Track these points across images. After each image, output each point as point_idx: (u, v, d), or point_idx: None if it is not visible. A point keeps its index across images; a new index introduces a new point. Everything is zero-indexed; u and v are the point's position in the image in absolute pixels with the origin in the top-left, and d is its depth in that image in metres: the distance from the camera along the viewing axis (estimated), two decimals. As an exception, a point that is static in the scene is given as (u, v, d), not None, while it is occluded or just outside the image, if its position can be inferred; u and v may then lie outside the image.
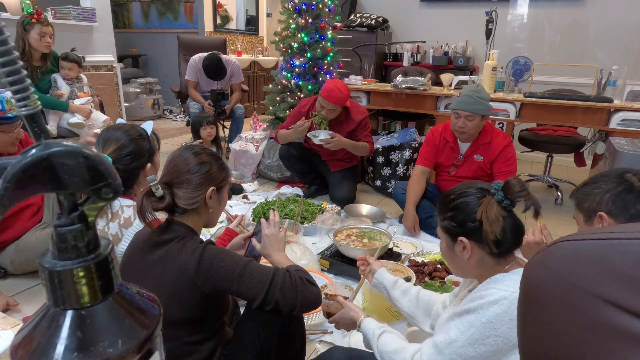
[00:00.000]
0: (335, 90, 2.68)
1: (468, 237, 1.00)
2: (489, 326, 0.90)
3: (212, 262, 1.06)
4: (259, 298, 1.06)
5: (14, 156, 0.29)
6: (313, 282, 1.14)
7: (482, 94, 2.30)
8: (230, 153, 3.62)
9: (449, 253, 1.07)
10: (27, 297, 1.87)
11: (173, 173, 1.12)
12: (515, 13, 4.31)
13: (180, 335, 1.10)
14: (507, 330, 0.88)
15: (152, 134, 1.62)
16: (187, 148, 1.17)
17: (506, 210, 0.98)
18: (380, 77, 4.75)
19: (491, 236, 0.96)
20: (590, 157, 3.34)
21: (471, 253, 1.01)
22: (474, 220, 0.98)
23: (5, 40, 0.29)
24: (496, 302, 0.91)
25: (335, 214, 2.66)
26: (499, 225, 0.96)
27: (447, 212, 1.04)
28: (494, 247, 0.98)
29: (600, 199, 1.13)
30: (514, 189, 0.95)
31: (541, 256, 0.38)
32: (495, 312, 0.90)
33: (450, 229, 1.03)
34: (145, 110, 5.95)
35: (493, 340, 0.90)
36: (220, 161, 1.19)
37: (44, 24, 2.87)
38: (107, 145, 1.50)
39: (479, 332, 0.90)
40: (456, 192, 1.04)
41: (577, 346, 0.33)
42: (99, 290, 0.32)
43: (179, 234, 1.10)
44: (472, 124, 2.31)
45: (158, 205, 1.08)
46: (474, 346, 0.91)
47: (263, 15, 6.94)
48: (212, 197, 1.15)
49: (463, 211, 1.01)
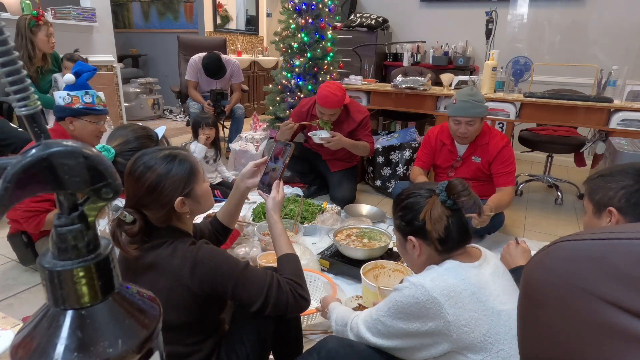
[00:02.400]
0: (330, 96, 2.67)
1: (415, 236, 1.07)
2: (395, 305, 1.01)
3: (206, 268, 1.04)
4: (253, 308, 1.06)
5: (13, 156, 0.29)
6: (304, 294, 1.12)
7: (478, 97, 2.30)
8: (230, 153, 3.62)
9: (402, 250, 1.15)
10: (27, 297, 1.87)
11: (132, 198, 1.05)
12: (515, 13, 4.31)
13: (181, 338, 1.10)
14: (415, 311, 0.98)
15: (163, 138, 1.65)
16: (137, 161, 1.06)
17: (451, 210, 1.03)
18: (380, 77, 4.75)
19: (435, 234, 1.03)
20: (590, 157, 3.34)
21: (420, 250, 1.08)
22: (420, 219, 1.04)
23: (5, 40, 0.29)
24: (400, 289, 1.01)
25: (335, 214, 2.66)
26: (442, 224, 1.02)
27: (398, 211, 1.11)
28: (439, 244, 1.04)
29: (614, 194, 1.11)
30: (456, 189, 1.01)
31: (541, 256, 0.38)
32: (396, 298, 1.01)
33: (401, 227, 1.11)
34: (145, 110, 5.95)
35: (404, 316, 1.00)
36: (178, 160, 1.07)
37: (49, 25, 2.92)
38: (113, 140, 1.54)
39: (395, 307, 1.01)
40: (406, 193, 1.11)
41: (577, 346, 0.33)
42: (99, 290, 0.32)
43: (167, 238, 1.07)
44: (473, 128, 2.32)
45: (132, 230, 1.03)
46: (393, 318, 1.02)
47: (263, 15, 6.94)
48: (184, 204, 1.08)
49: (411, 211, 1.07)
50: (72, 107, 1.83)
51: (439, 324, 0.96)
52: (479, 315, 0.96)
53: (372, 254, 2.00)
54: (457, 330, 0.95)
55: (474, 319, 0.96)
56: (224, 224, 1.42)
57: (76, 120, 1.87)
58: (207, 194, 1.16)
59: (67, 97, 1.83)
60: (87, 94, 1.84)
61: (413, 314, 0.98)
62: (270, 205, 1.27)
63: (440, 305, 0.95)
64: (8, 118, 2.80)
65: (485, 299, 0.97)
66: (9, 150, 2.50)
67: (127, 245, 1.02)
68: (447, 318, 0.95)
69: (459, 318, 0.95)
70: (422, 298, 0.96)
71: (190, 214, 1.14)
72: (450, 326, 0.95)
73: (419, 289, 0.97)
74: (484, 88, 3.12)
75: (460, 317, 0.95)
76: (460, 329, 0.95)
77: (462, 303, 0.96)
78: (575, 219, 2.99)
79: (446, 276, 0.99)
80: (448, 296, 0.96)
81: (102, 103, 1.93)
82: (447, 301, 0.95)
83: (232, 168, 3.56)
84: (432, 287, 0.96)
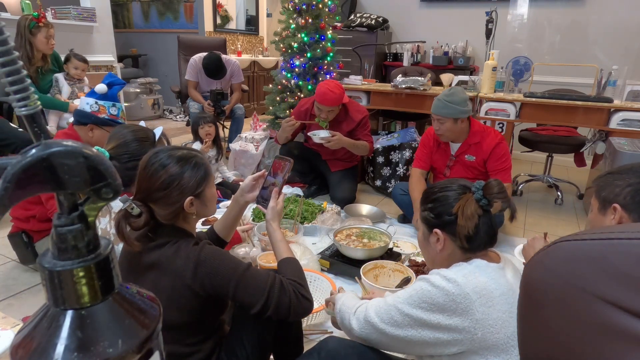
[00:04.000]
0: (329, 93, 2.69)
1: (443, 229, 1.06)
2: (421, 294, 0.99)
3: (208, 268, 1.04)
4: (254, 310, 1.06)
5: (13, 156, 0.29)
6: (306, 295, 1.12)
7: (453, 98, 2.32)
8: (230, 153, 3.62)
9: (424, 243, 1.14)
10: (27, 297, 1.87)
11: (144, 191, 1.06)
12: (515, 13, 4.31)
13: (181, 338, 1.10)
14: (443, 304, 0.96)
15: (162, 137, 1.66)
16: (153, 157, 1.08)
17: (483, 210, 1.03)
18: (380, 77, 4.75)
19: (464, 231, 1.02)
20: (590, 157, 3.34)
21: (444, 245, 1.07)
22: (451, 213, 1.04)
23: (5, 40, 0.29)
24: (430, 281, 0.99)
25: (335, 214, 2.66)
26: (473, 222, 1.02)
27: (427, 203, 1.11)
28: (465, 242, 1.04)
29: (620, 191, 1.11)
30: (493, 190, 1.02)
31: (541, 256, 0.38)
32: (424, 287, 0.99)
33: (428, 219, 1.10)
34: (145, 110, 5.95)
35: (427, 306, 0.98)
36: (194, 163, 1.09)
37: (49, 26, 2.92)
38: (110, 142, 1.56)
39: (419, 295, 0.99)
40: (439, 186, 1.11)
41: (576, 346, 0.33)
42: (99, 290, 0.32)
43: (171, 238, 1.08)
44: (444, 126, 2.37)
45: (137, 224, 1.03)
46: (413, 306, 1.00)
47: (263, 15, 6.94)
48: (193, 205, 1.09)
49: (442, 204, 1.07)
50: (98, 115, 1.88)
51: (465, 320, 0.95)
52: (506, 317, 0.95)
53: (372, 254, 2.00)
54: (482, 329, 0.94)
55: (501, 320, 0.95)
56: (220, 235, 1.42)
57: (97, 129, 1.90)
58: (214, 198, 1.18)
59: (94, 105, 1.87)
60: (114, 106, 1.91)
61: (439, 305, 0.96)
62: (270, 215, 1.29)
63: (471, 302, 0.94)
64: (8, 118, 2.80)
65: (513, 301, 0.97)
66: (9, 150, 2.50)
67: (131, 239, 1.02)
68: (475, 316, 0.94)
69: (487, 317, 0.94)
70: (453, 291, 0.95)
71: (196, 216, 1.14)
72: (477, 324, 0.94)
73: (451, 282, 0.96)
74: (484, 88, 3.12)
75: (488, 316, 0.94)
76: (486, 328, 0.94)
77: (492, 302, 0.95)
78: (575, 219, 2.99)
79: (478, 274, 0.98)
80: (480, 294, 0.95)
81: (124, 117, 2.00)
82: (479, 299, 0.94)
83: (232, 168, 3.56)
84: (465, 283, 0.95)
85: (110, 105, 1.90)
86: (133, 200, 1.05)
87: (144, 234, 1.08)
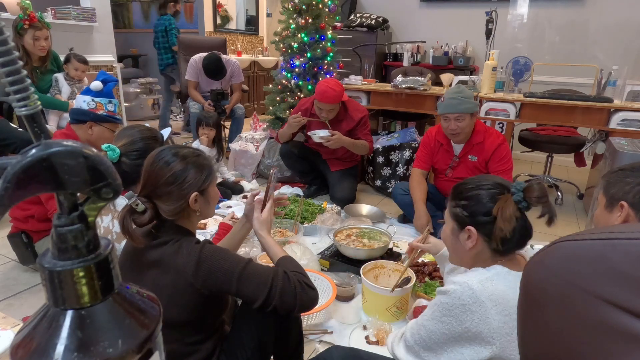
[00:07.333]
0: (328, 90, 2.70)
1: (476, 228, 1.02)
2: (440, 307, 0.97)
3: (210, 265, 1.04)
4: (258, 302, 1.06)
5: (13, 156, 0.29)
6: (311, 284, 1.12)
7: (465, 93, 2.32)
8: (230, 153, 3.62)
9: (452, 239, 1.09)
10: (27, 297, 1.87)
11: (150, 186, 1.08)
12: (515, 13, 4.31)
13: (181, 337, 1.10)
14: (460, 314, 0.94)
15: (168, 139, 1.68)
16: (159, 154, 1.10)
17: (520, 212, 0.99)
18: (380, 77, 4.75)
19: (501, 233, 0.98)
20: (591, 157, 3.34)
21: (475, 244, 1.03)
22: (489, 214, 1.00)
23: (5, 40, 0.29)
24: (446, 292, 0.96)
25: (335, 214, 2.66)
26: (512, 225, 0.97)
27: (460, 199, 1.06)
28: (500, 244, 0.99)
29: (629, 189, 1.08)
30: (534, 194, 0.97)
31: (541, 256, 0.38)
32: (442, 300, 0.97)
33: (461, 216, 1.05)
34: (145, 110, 5.95)
35: (448, 320, 0.96)
36: (199, 161, 1.12)
37: (38, 27, 2.83)
38: (119, 140, 1.57)
39: (438, 310, 0.98)
40: (474, 182, 1.06)
41: (576, 346, 0.33)
42: (99, 290, 0.32)
43: (174, 236, 1.09)
44: (463, 124, 2.33)
45: (142, 220, 1.04)
46: (434, 321, 0.98)
47: (263, 15, 6.94)
48: (197, 201, 1.11)
49: (478, 202, 1.02)
50: (96, 112, 1.88)
51: (482, 329, 0.91)
52: None
53: (372, 254, 2.00)
54: (500, 338, 0.91)
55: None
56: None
57: (96, 126, 1.91)
58: (216, 197, 1.19)
59: (91, 102, 1.88)
60: (110, 102, 1.91)
61: (457, 317, 0.93)
62: (257, 226, 1.31)
63: (486, 310, 0.90)
64: (8, 118, 2.80)
65: None
66: (9, 150, 2.50)
67: (136, 235, 1.03)
68: (492, 324, 0.90)
69: (504, 326, 0.91)
70: (467, 300, 0.91)
71: (199, 214, 1.16)
72: (494, 333, 0.91)
73: (465, 289, 0.92)
74: (484, 88, 3.12)
75: (506, 325, 0.91)
76: (504, 337, 0.91)
77: (508, 311, 0.91)
78: (575, 219, 2.99)
79: (496, 281, 0.94)
80: (496, 302, 0.91)
81: (120, 113, 2.00)
82: (495, 307, 0.91)
83: (232, 168, 3.56)
84: (480, 290, 0.91)
85: (107, 101, 1.90)
86: (138, 196, 1.06)
87: (147, 231, 1.09)
